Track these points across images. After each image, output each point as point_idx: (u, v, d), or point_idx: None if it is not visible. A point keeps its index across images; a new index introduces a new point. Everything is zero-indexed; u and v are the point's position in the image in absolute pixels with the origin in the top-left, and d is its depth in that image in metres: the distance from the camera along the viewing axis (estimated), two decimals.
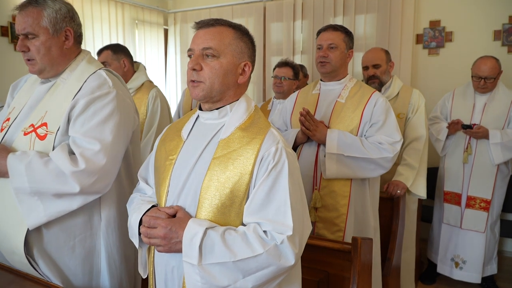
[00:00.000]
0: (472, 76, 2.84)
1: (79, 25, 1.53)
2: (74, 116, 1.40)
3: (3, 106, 2.08)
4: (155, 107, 2.61)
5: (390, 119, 1.91)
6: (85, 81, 1.46)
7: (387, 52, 2.67)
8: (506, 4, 3.43)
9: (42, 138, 1.39)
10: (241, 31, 1.20)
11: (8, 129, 1.49)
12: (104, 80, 1.47)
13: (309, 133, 1.90)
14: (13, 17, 3.55)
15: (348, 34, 1.99)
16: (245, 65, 1.19)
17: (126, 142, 1.51)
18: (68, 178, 1.32)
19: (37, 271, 1.40)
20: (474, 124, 2.78)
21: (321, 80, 2.09)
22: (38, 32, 1.42)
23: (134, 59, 2.78)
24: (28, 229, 1.35)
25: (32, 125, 1.42)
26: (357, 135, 1.90)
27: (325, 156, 1.87)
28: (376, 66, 2.59)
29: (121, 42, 4.23)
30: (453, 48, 3.67)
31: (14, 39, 3.56)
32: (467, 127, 2.76)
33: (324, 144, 1.88)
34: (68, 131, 1.40)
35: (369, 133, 1.90)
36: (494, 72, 2.74)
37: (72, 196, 1.36)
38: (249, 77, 1.22)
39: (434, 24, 3.72)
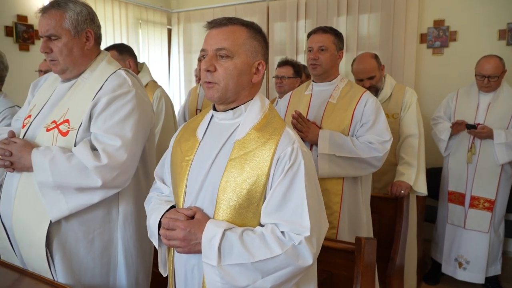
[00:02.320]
0: (476, 75, 2.83)
1: (99, 27, 1.59)
2: (96, 114, 1.45)
3: (14, 107, 2.10)
4: (160, 108, 2.62)
5: (380, 119, 1.94)
6: (106, 80, 1.51)
7: (376, 57, 2.64)
8: (511, 3, 3.41)
9: (64, 134, 1.45)
10: (254, 30, 1.18)
11: (30, 125, 1.54)
12: (124, 80, 1.52)
13: (302, 135, 1.93)
14: (18, 17, 3.58)
15: (338, 36, 2.03)
16: (259, 64, 1.18)
17: (144, 139, 1.57)
18: (91, 172, 1.38)
19: (49, 266, 1.43)
20: (478, 124, 2.77)
21: (313, 81, 2.13)
22: (60, 33, 1.47)
23: (138, 59, 2.79)
24: (50, 221, 1.40)
25: (55, 122, 1.47)
26: (348, 135, 1.93)
27: (317, 156, 1.89)
28: (371, 78, 2.57)
29: (124, 42, 4.24)
30: (458, 48, 3.65)
31: (18, 39, 3.59)
32: (471, 127, 2.75)
33: (317, 145, 1.90)
34: (90, 128, 1.45)
35: (360, 133, 1.94)
36: (497, 70, 2.73)
37: (94, 190, 1.41)
38: (263, 75, 1.21)
39: (438, 24, 3.70)
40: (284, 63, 3.06)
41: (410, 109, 2.59)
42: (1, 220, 1.53)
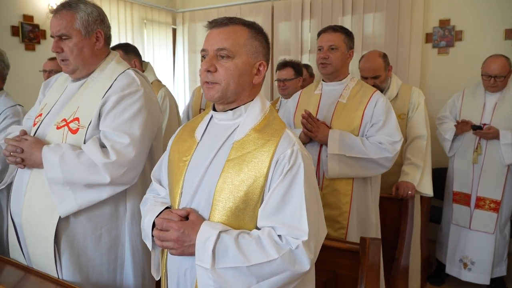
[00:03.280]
0: (482, 75, 2.81)
1: (108, 27, 1.62)
2: (105, 112, 1.48)
3: (15, 106, 2.12)
4: (164, 107, 2.63)
5: (390, 119, 1.93)
6: (115, 80, 1.54)
7: (384, 56, 2.61)
8: None
9: (74, 132, 1.48)
10: (256, 30, 1.17)
11: (41, 124, 1.57)
12: (132, 79, 1.55)
13: (311, 135, 1.93)
14: (24, 17, 3.60)
15: (348, 35, 2.01)
16: (260, 65, 1.16)
17: (151, 138, 1.60)
18: (100, 169, 1.41)
19: (55, 263, 1.45)
20: (484, 125, 2.75)
21: (322, 80, 2.11)
22: (71, 33, 1.51)
23: (143, 59, 2.80)
24: (59, 217, 1.44)
25: (65, 120, 1.51)
26: (358, 135, 1.92)
27: (327, 157, 1.89)
28: (375, 77, 2.54)
29: (129, 42, 4.26)
30: (463, 47, 3.63)
31: (24, 38, 3.61)
32: (477, 128, 2.73)
33: (326, 145, 1.90)
34: (99, 126, 1.49)
35: (370, 133, 1.93)
36: (504, 70, 2.71)
37: (102, 187, 1.45)
38: (264, 76, 1.19)
39: (444, 23, 3.68)
40: (283, 65, 3.01)
41: (418, 110, 2.57)
42: (11, 217, 1.55)
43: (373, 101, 1.94)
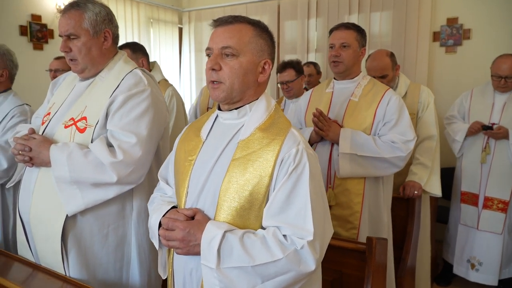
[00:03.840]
0: (492, 75, 2.78)
1: (116, 27, 1.64)
2: (112, 111, 1.49)
3: (23, 105, 2.14)
4: (171, 106, 2.64)
5: (403, 118, 1.90)
6: (123, 79, 1.55)
7: (392, 56, 2.57)
8: None
9: (81, 131, 1.49)
10: (261, 28, 1.16)
11: (49, 122, 1.59)
12: (140, 79, 1.56)
13: (323, 134, 1.91)
14: (32, 17, 3.63)
15: (360, 32, 1.98)
16: (265, 63, 1.16)
17: (158, 137, 1.60)
18: (107, 168, 1.42)
19: (63, 261, 1.46)
20: (493, 124, 2.73)
21: (334, 78, 2.09)
22: (79, 33, 1.51)
23: (149, 58, 2.81)
24: (67, 215, 1.45)
25: (72, 119, 1.52)
26: (370, 134, 1.90)
27: (338, 156, 1.87)
28: (382, 77, 2.49)
29: (136, 41, 4.28)
30: (471, 46, 3.60)
31: (32, 38, 3.64)
32: (487, 128, 2.71)
33: (338, 144, 1.88)
34: (106, 125, 1.49)
35: (382, 132, 1.90)
36: None
37: (109, 186, 1.46)
38: (269, 75, 1.19)
39: (452, 22, 3.65)
40: (283, 67, 2.96)
41: (428, 110, 2.54)
42: (19, 214, 1.57)
43: (385, 99, 1.91)
